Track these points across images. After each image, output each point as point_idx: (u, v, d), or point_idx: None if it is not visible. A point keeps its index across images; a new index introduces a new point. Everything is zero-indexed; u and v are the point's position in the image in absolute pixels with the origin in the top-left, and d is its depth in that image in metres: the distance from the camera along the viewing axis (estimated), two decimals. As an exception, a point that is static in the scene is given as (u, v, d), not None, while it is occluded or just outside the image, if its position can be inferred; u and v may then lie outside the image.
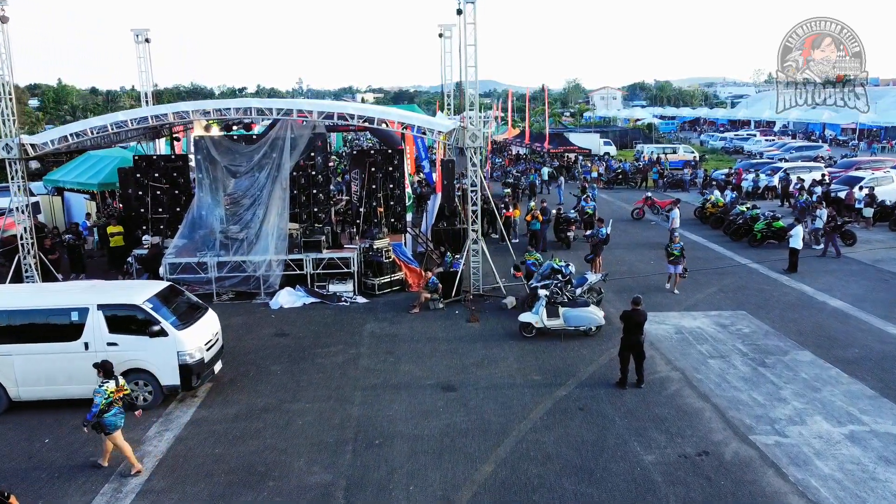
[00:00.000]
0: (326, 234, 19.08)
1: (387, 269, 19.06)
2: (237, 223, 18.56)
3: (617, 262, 22.48)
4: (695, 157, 49.84)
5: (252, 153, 18.37)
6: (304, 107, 17.32)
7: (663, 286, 19.68)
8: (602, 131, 69.38)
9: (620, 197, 38.35)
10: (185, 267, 18.49)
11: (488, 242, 20.26)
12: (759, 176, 36.71)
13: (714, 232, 27.77)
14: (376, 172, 20.57)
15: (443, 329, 16.30)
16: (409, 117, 17.57)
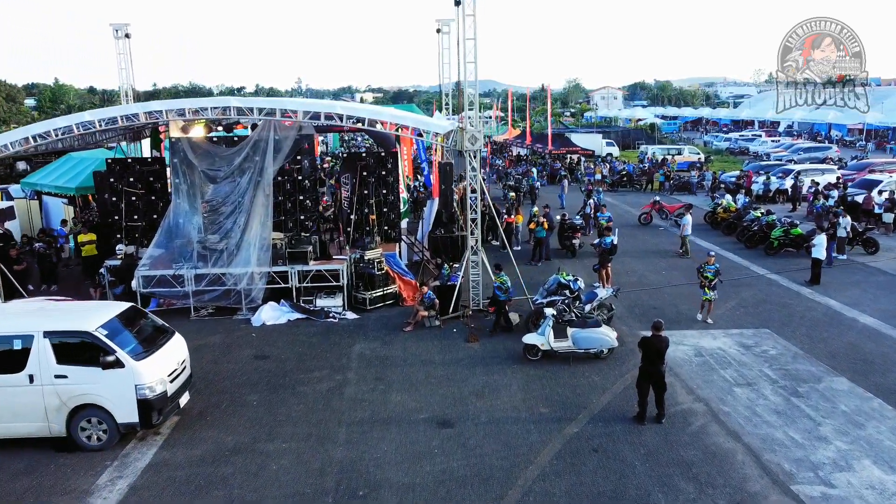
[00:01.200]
0: (314, 243, 17.61)
1: (379, 281, 17.61)
2: (216, 232, 17.09)
3: (626, 273, 21.05)
4: (700, 158, 48.35)
5: (232, 156, 16.88)
6: (288, 106, 15.86)
7: (677, 300, 18.25)
8: (604, 132, 67.95)
9: (626, 200, 36.89)
10: (159, 280, 17.03)
11: (488, 251, 18.83)
12: (770, 178, 35.24)
13: (726, 238, 26.32)
14: (368, 177, 19.11)
15: (439, 350, 14.84)
16: (402, 118, 16.11)
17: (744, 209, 27.37)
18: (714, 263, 16.39)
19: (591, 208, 27.00)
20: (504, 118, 58.36)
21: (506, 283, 15.69)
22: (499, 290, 15.70)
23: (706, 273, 16.25)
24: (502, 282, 15.73)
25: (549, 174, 44.53)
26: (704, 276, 16.26)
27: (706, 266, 16.35)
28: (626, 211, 33.49)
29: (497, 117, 56.27)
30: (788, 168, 36.79)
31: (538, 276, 21.10)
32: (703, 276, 16.31)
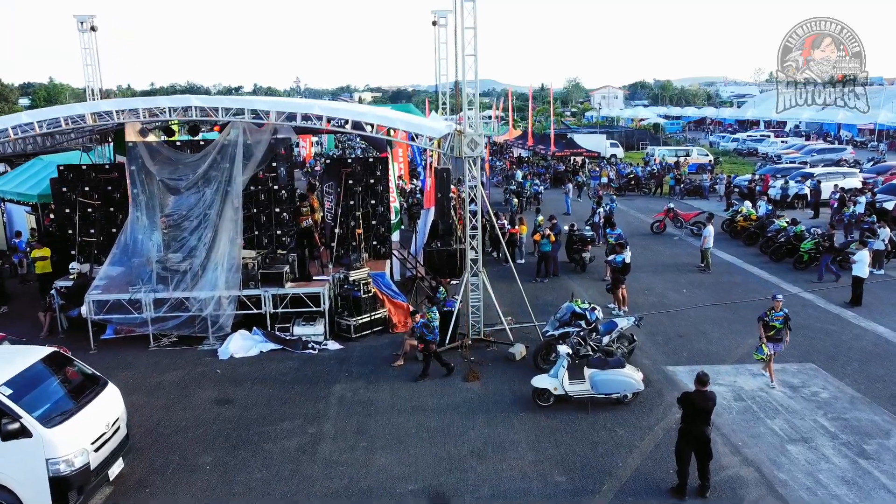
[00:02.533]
0: (291, 262, 15.44)
1: (366, 305, 15.45)
2: (178, 251, 14.92)
3: (643, 291, 18.88)
4: (711, 160, 46.18)
5: (196, 163, 14.69)
6: (259, 106, 13.69)
7: (704, 325, 16.10)
8: (607, 132, 65.79)
9: (634, 206, 34.70)
10: (114, 304, 14.86)
11: (488, 264, 16.62)
12: (788, 183, 33.05)
13: (748, 250, 24.16)
14: (354, 185, 16.94)
15: (433, 392, 12.67)
16: (389, 119, 13.92)
17: (766, 218, 25.20)
18: (782, 308, 12.72)
19: (601, 217, 24.82)
20: (504, 118, 56.17)
21: (433, 322, 13.18)
22: (425, 329, 13.09)
23: (773, 322, 12.65)
24: (430, 318, 13.20)
25: (552, 177, 42.35)
26: (772, 327, 12.65)
27: (772, 313, 12.69)
28: (635, 218, 31.31)
29: (497, 117, 54.06)
30: (807, 171, 34.61)
31: (544, 294, 19.00)
32: (771, 324, 12.65)
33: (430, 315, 13.25)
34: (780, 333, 12.71)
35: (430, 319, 13.17)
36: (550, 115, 46.16)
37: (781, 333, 12.71)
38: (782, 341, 12.78)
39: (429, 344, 13.14)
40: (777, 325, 12.65)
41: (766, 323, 12.70)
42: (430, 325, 13.08)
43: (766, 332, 12.70)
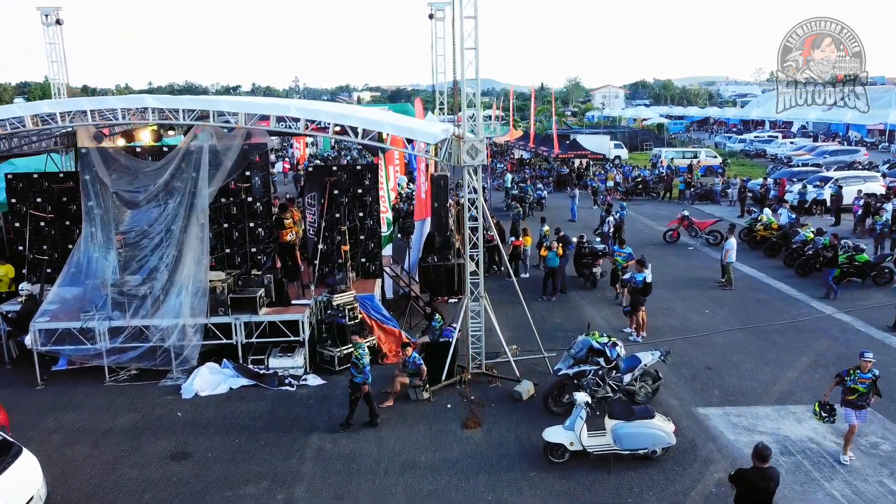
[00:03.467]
0: (267, 285, 13.58)
1: (352, 333, 13.56)
2: (137, 272, 13.07)
3: (661, 312, 17.04)
4: (722, 162, 44.34)
5: (157, 173, 12.80)
6: (225, 107, 11.83)
7: (735, 354, 14.27)
8: (610, 132, 63.92)
9: (642, 211, 32.84)
10: (65, 333, 13.02)
11: (489, 280, 14.75)
12: (806, 188, 31.20)
13: (770, 262, 22.34)
14: (340, 196, 15.08)
15: (427, 442, 10.84)
16: (377, 122, 12.04)
17: (789, 227, 23.34)
18: (871, 370, 9.78)
19: (611, 226, 22.98)
20: (505, 118, 54.31)
21: (362, 360, 10.99)
22: (354, 369, 11.07)
23: (857, 385, 9.81)
24: (359, 356, 11.01)
25: (555, 180, 40.48)
26: (854, 389, 9.84)
27: (857, 373, 9.82)
28: (645, 225, 29.47)
29: (498, 117, 52.24)
30: (826, 175, 32.77)
31: (552, 314, 17.19)
32: (854, 387, 9.85)
33: (357, 352, 11.05)
34: (866, 399, 9.87)
35: (357, 357, 11.01)
36: (553, 114, 44.13)
37: (867, 399, 9.88)
38: (866, 408, 9.96)
39: (357, 386, 11.08)
40: (861, 389, 9.81)
41: (847, 384, 9.93)
42: (359, 363, 10.97)
43: (848, 396, 9.94)
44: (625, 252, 18.26)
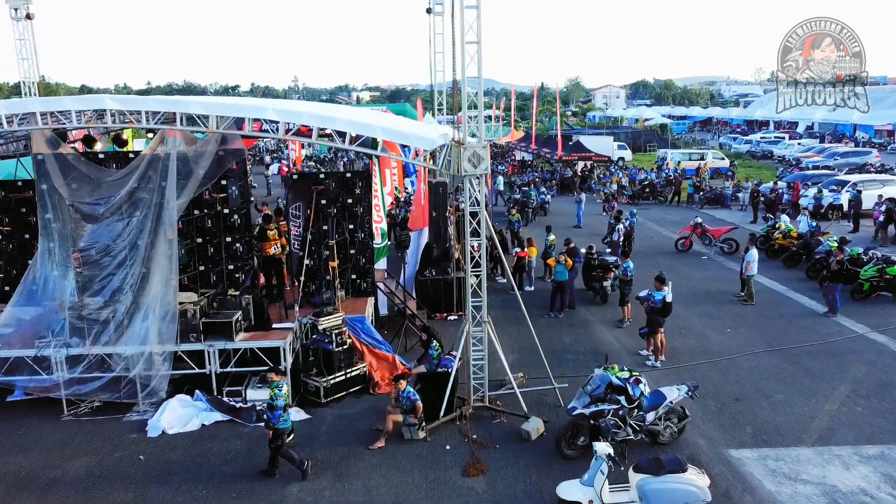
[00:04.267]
0: (245, 306, 12.18)
1: (340, 361, 12.20)
2: (98, 294, 11.66)
3: (679, 332, 15.61)
4: (731, 165, 42.94)
5: (119, 183, 11.38)
6: (195, 110, 10.43)
7: (766, 382, 12.90)
8: (612, 133, 62.53)
9: (651, 217, 31.38)
10: (17, 362, 11.63)
11: (491, 294, 13.26)
12: (822, 192, 29.77)
13: (790, 273, 20.93)
14: (328, 207, 13.68)
15: (422, 494, 9.43)
16: (366, 126, 10.61)
17: (810, 235, 21.94)
18: None
19: (621, 234, 21.59)
20: (506, 119, 52.91)
21: (277, 400, 9.46)
22: (269, 411, 9.63)
23: None
24: (273, 396, 9.51)
25: (558, 183, 39.08)
26: None
27: None
28: (654, 232, 28.05)
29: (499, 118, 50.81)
30: (842, 179, 31.35)
31: (560, 334, 15.81)
32: None
33: (273, 391, 9.50)
34: None
35: (273, 397, 9.49)
36: (557, 115, 42.66)
37: None
38: None
39: (277, 435, 9.60)
40: None
41: None
42: (274, 405, 9.48)
43: None
44: (629, 268, 16.61)
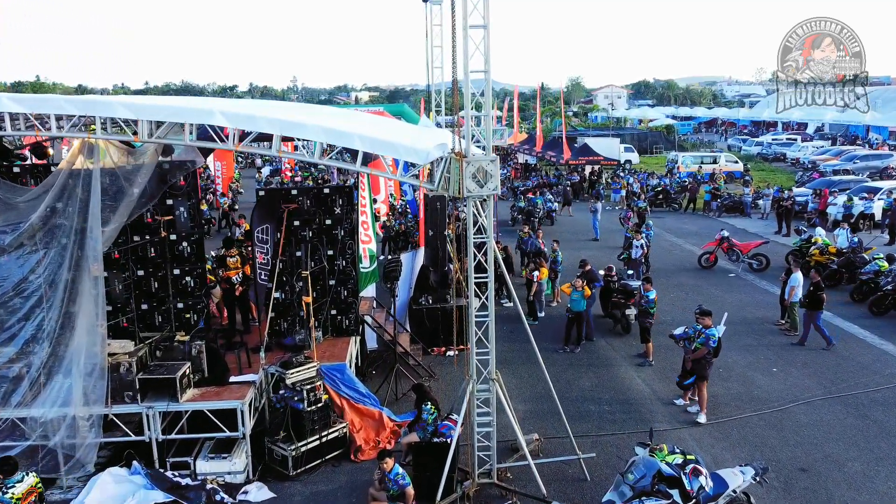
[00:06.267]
0: (196, 355, 9.83)
1: (314, 423, 9.87)
2: (8, 344, 9.31)
3: (717, 371, 13.18)
4: (746, 169, 40.60)
5: (30, 206, 9.01)
6: (120, 113, 8.09)
7: (826, 442, 10.53)
8: (618, 134, 60.17)
9: (666, 226, 29.04)
10: (-90, 427, 9.29)
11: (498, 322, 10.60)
12: (852, 199, 27.39)
13: (833, 296, 18.19)
14: (302, 229, 11.33)
15: None
16: (342, 135, 8.24)
17: (852, 252, 19.60)
18: None
19: (643, 251, 19.26)
20: (508, 120, 50.56)
21: None
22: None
23: None
24: None
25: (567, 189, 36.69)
26: None
27: None
28: (672, 244, 25.70)
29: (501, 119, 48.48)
30: (873, 186, 29.02)
31: (579, 376, 13.50)
32: None
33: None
34: None
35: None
36: (562, 116, 40.31)
37: None
38: None
39: None
40: None
41: None
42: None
43: None
44: (649, 299, 14.19)
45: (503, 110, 52.84)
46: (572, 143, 40.57)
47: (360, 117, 12.15)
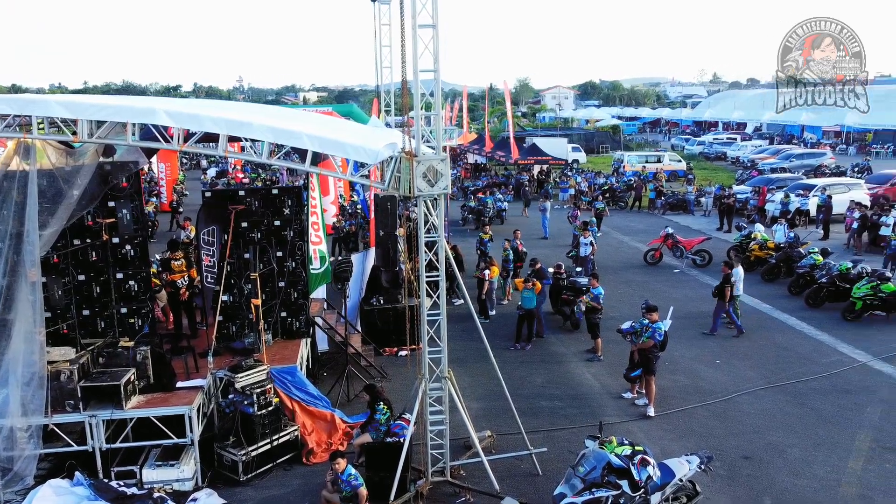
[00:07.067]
0: (141, 361, 9.58)
1: (264, 427, 9.74)
2: (-62, 354, 8.90)
3: (664, 365, 13.45)
4: (689, 168, 41.71)
5: (-38, 209, 8.67)
6: (58, 112, 7.81)
7: (769, 431, 10.91)
8: (565, 134, 61.09)
9: (613, 224, 29.62)
10: None
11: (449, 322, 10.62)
12: (790, 196, 28.42)
13: (772, 289, 19.22)
14: (250, 231, 11.15)
15: None
16: (288, 134, 8.13)
17: (789, 247, 20.33)
18: None
19: (591, 248, 19.59)
20: (458, 120, 50.77)
21: None
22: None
23: None
24: None
25: (514, 188, 37.07)
26: None
27: None
28: (619, 241, 26.24)
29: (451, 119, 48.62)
30: (808, 183, 30.17)
31: (531, 373, 13.63)
32: None
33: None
34: None
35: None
36: (509, 116, 40.69)
37: None
38: None
39: None
40: None
41: None
42: None
43: None
44: (597, 293, 14.61)
45: (453, 111, 53.00)
46: (521, 144, 40.98)
47: (309, 117, 12.03)
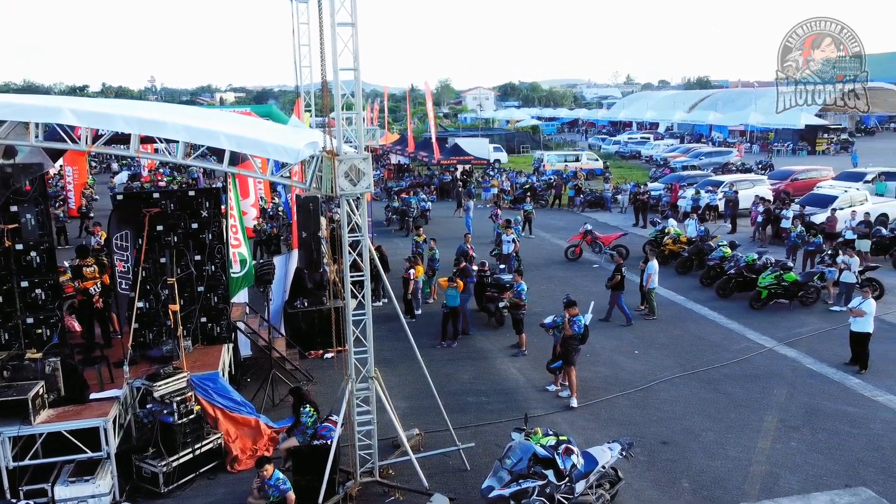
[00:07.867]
0: (51, 373, 9.11)
1: (185, 435, 9.43)
2: None
3: (585, 356, 13.84)
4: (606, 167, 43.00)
5: None
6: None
7: (685, 417, 11.43)
8: (487, 135, 61.86)
9: (535, 222, 29.94)
10: None
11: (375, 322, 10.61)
12: (700, 193, 29.77)
13: (685, 281, 20.08)
14: (166, 235, 10.79)
15: None
16: (205, 133, 7.92)
17: (700, 240, 21.29)
18: None
19: (515, 246, 19.93)
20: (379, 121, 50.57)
21: None
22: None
23: None
24: None
25: (437, 189, 37.25)
26: None
27: None
28: (542, 239, 26.80)
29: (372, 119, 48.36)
30: (716, 180, 31.69)
31: (458, 370, 13.78)
32: None
33: None
34: None
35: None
36: (430, 117, 40.88)
37: None
38: None
39: None
40: None
41: None
42: None
43: None
44: (521, 290, 14.92)
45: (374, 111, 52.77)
46: (443, 144, 41.24)
47: (227, 116, 11.75)
